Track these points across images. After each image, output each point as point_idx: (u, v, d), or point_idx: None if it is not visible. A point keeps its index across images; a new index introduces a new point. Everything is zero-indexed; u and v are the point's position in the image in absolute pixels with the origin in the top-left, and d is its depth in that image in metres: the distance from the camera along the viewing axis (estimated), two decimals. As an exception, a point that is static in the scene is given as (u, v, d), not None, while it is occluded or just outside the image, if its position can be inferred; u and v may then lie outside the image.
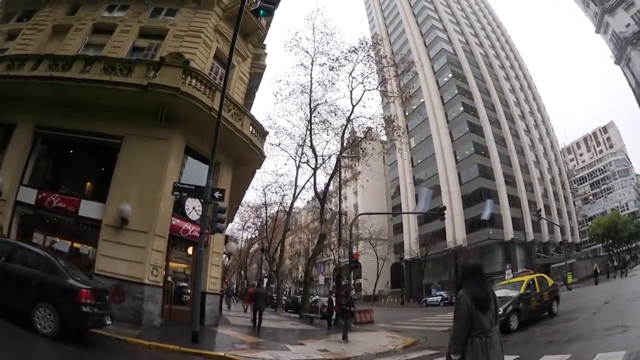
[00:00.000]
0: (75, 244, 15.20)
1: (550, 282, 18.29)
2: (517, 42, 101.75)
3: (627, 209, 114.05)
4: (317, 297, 35.63)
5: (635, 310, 12.91)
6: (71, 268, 10.01)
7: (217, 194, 13.15)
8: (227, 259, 40.36)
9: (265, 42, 25.95)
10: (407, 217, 71.63)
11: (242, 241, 63.00)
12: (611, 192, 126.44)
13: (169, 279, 16.07)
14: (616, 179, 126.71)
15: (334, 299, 23.79)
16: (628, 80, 46.97)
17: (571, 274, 40.74)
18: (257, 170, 23.56)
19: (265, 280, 54.74)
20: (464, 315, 4.60)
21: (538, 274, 19.35)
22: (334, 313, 22.41)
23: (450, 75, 72.49)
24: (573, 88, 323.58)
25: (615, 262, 45.50)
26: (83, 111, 15.29)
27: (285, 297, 52.11)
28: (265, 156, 21.62)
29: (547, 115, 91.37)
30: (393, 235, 76.04)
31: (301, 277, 59.10)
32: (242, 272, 70.28)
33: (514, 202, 64.33)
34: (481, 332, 4.52)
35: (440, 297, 47.38)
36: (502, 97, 76.03)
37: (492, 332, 4.57)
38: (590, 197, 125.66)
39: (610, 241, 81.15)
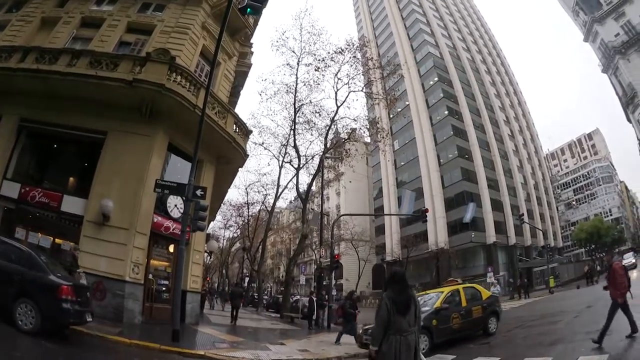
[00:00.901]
0: (57, 240, 14.99)
1: (485, 294, 15.29)
2: (504, 48, 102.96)
3: (611, 215, 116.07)
4: (298, 297, 35.67)
5: (618, 314, 13.08)
6: (52, 264, 9.91)
7: (199, 192, 13.11)
8: (208, 257, 40.19)
9: (252, 41, 25.98)
10: (389, 219, 71.92)
11: (223, 240, 62.83)
12: (595, 198, 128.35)
13: (150, 276, 15.94)
14: (600, 185, 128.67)
15: (314, 299, 23.90)
16: (615, 89, 47.72)
17: (553, 277, 41.46)
18: (240, 169, 23.54)
19: (247, 279, 54.59)
20: (382, 316, 5.26)
21: (467, 285, 16.30)
22: (315, 313, 22.53)
23: (436, 79, 72.80)
24: (560, 95, 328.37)
25: (598, 266, 46.41)
26: (68, 105, 15.18)
27: (266, 297, 52.05)
28: (248, 155, 21.63)
29: (532, 121, 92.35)
30: (375, 236, 76.14)
31: (282, 276, 59.03)
32: (224, 271, 70.01)
33: (497, 206, 64.87)
34: (398, 331, 5.13)
35: (420, 298, 47.65)
36: (488, 102, 76.64)
37: (409, 332, 5.17)
38: (574, 203, 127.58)
39: (593, 246, 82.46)
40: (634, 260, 38.92)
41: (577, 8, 50.48)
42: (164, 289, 16.75)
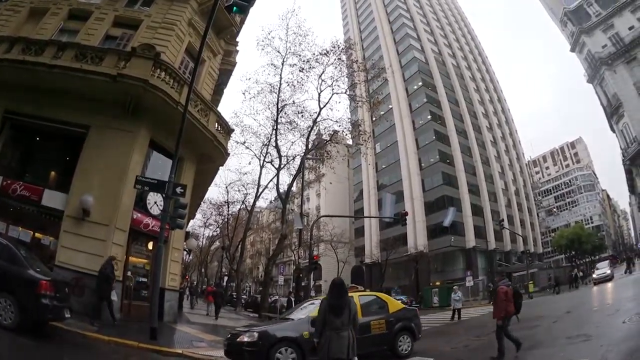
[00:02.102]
0: (37, 234, 14.81)
1: (394, 306, 12.41)
2: (490, 56, 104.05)
3: (592, 223, 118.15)
4: (277, 297, 35.60)
5: (597, 320, 13.20)
6: (32, 258, 9.79)
7: (178, 190, 13.09)
8: (187, 255, 39.89)
9: (237, 40, 25.87)
10: (369, 221, 72.03)
11: (203, 238, 62.48)
12: (576, 206, 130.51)
13: (129, 273, 15.89)
14: (582, 193, 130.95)
15: (293, 299, 23.89)
16: (600, 99, 48.41)
17: (533, 282, 41.90)
18: (221, 167, 23.51)
19: (225, 278, 54.32)
20: (320, 315, 6.56)
21: (367, 292, 14.17)
22: None
23: (420, 83, 73.15)
24: (543, 103, 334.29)
25: (579, 272, 47.13)
26: (52, 98, 15.01)
27: (244, 296, 51.82)
28: (229, 154, 21.61)
29: (514, 128, 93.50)
30: (354, 238, 76.18)
31: (261, 276, 58.93)
32: (203, 270, 69.60)
33: (477, 210, 65.60)
34: (332, 329, 6.30)
35: (400, 301, 47.79)
36: (471, 108, 77.37)
37: (342, 330, 6.28)
38: (554, 210, 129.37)
39: (573, 252, 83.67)
40: (608, 272, 36.81)
41: (566, 19, 51.17)
42: (142, 286, 16.64)
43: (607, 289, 26.53)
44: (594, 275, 38.41)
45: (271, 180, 34.58)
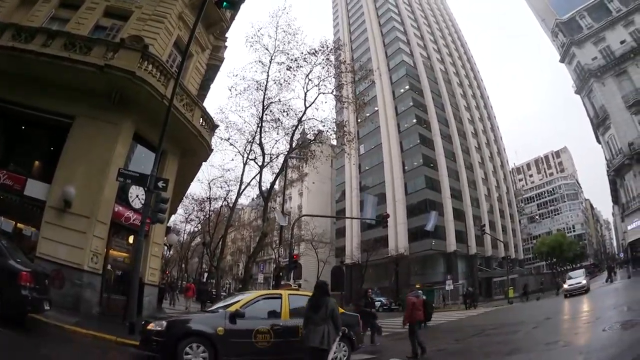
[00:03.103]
0: (19, 224, 14.72)
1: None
2: (478, 62, 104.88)
3: (574, 231, 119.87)
4: (256, 295, 35.38)
5: (577, 327, 13.31)
6: (13, 249, 9.66)
7: (160, 184, 13.10)
8: (168, 250, 39.58)
9: (227, 36, 25.77)
10: (351, 222, 72.13)
11: (184, 234, 62.05)
12: (558, 214, 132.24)
13: (109, 267, 15.74)
14: (564, 201, 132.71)
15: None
16: (587, 110, 48.96)
17: (513, 288, 42.26)
18: (204, 162, 23.47)
19: (205, 275, 54.01)
20: (305, 312, 8.07)
21: (299, 292, 11.74)
22: None
23: (407, 87, 73.36)
24: (530, 112, 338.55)
25: (560, 280, 47.52)
26: (39, 87, 14.83)
27: (224, 294, 51.54)
28: (212, 149, 21.62)
29: (500, 135, 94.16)
30: (335, 238, 76.28)
31: (241, 274, 58.65)
32: (183, 266, 69.12)
33: (459, 215, 65.81)
34: (312, 322, 7.62)
35: (379, 302, 47.93)
36: (457, 114, 77.76)
37: (319, 325, 7.48)
38: (537, 217, 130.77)
39: (554, 260, 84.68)
40: (583, 282, 30.64)
41: (557, 30, 51.70)
42: (122, 280, 16.49)
43: (587, 298, 26.81)
44: (565, 286, 31.57)
45: (254, 177, 34.49)
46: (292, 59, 27.74)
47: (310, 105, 28.07)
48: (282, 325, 9.60)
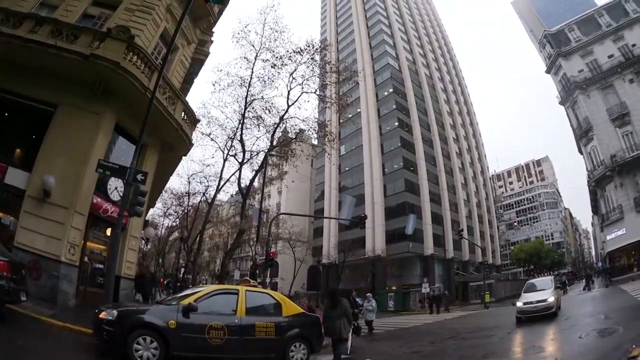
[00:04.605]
0: (-2, 213, 14.41)
1: (290, 309, 10.83)
2: (464, 69, 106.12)
3: (553, 239, 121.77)
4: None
5: (553, 333, 13.45)
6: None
7: (139, 176, 13.02)
8: (145, 244, 39.14)
9: (213, 30, 25.59)
10: (329, 222, 72.17)
11: (162, 228, 61.45)
12: (537, 222, 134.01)
13: (86, 259, 15.55)
14: (544, 209, 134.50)
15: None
16: (570, 121, 49.57)
17: (489, 293, 42.63)
18: (184, 157, 23.39)
19: (182, 270, 53.58)
20: (324, 311, 10.48)
21: (257, 289, 11.68)
22: None
23: (391, 90, 73.82)
24: (512, 120, 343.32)
25: None
26: (23, 73, 14.53)
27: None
28: (193, 144, 21.54)
29: (481, 142, 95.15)
30: (313, 238, 76.20)
31: (218, 270, 58.41)
32: (160, 260, 68.40)
33: (437, 219, 66.48)
34: (330, 317, 9.94)
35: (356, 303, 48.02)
36: (439, 119, 78.42)
37: (336, 319, 9.76)
38: (515, 224, 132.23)
39: (532, 267, 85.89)
40: (549, 299, 18.22)
41: (545, 41, 52.18)
42: (99, 272, 16.40)
43: (563, 304, 27.04)
44: (519, 304, 18.98)
45: (233, 174, 34.26)
46: (277, 57, 27.64)
47: (293, 104, 28.02)
48: (237, 323, 9.37)
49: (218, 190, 34.68)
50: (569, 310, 19.99)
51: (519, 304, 18.53)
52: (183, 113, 18.86)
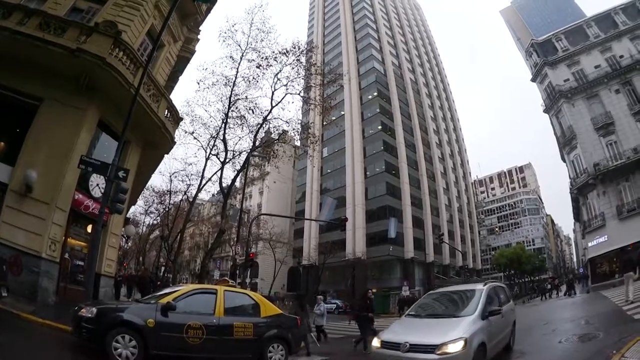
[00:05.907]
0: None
1: (268, 309, 10.77)
2: (449, 75, 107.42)
3: (534, 245, 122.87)
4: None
5: (533, 338, 13.47)
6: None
7: (121, 173, 12.93)
8: (126, 242, 38.73)
9: (200, 28, 25.52)
10: (309, 224, 72.24)
11: (143, 226, 60.92)
12: (519, 227, 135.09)
13: (66, 255, 15.40)
14: (526, 215, 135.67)
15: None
16: (554, 129, 50.01)
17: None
18: (166, 155, 23.21)
19: (162, 269, 53.18)
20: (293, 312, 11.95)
21: (236, 289, 11.98)
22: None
23: (375, 93, 74.13)
24: (496, 127, 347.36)
25: (517, 290, 48.50)
26: (9, 65, 14.31)
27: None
28: (175, 142, 21.32)
29: (464, 147, 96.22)
30: (293, 239, 76.40)
31: (198, 269, 58.19)
32: (141, 259, 67.77)
33: (418, 223, 66.75)
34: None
35: (335, 305, 48.13)
36: (423, 123, 79.11)
37: (303, 317, 10.96)
38: (497, 229, 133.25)
39: (513, 272, 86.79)
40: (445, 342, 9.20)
41: (532, 50, 52.65)
42: (79, 270, 16.25)
43: (544, 309, 27.15)
44: (375, 344, 9.09)
45: (215, 173, 34.11)
46: (263, 57, 27.61)
47: (276, 105, 28.00)
48: (215, 323, 9.34)
49: (199, 189, 34.50)
50: (549, 314, 20.15)
51: (375, 342, 9.14)
52: (167, 111, 18.79)
